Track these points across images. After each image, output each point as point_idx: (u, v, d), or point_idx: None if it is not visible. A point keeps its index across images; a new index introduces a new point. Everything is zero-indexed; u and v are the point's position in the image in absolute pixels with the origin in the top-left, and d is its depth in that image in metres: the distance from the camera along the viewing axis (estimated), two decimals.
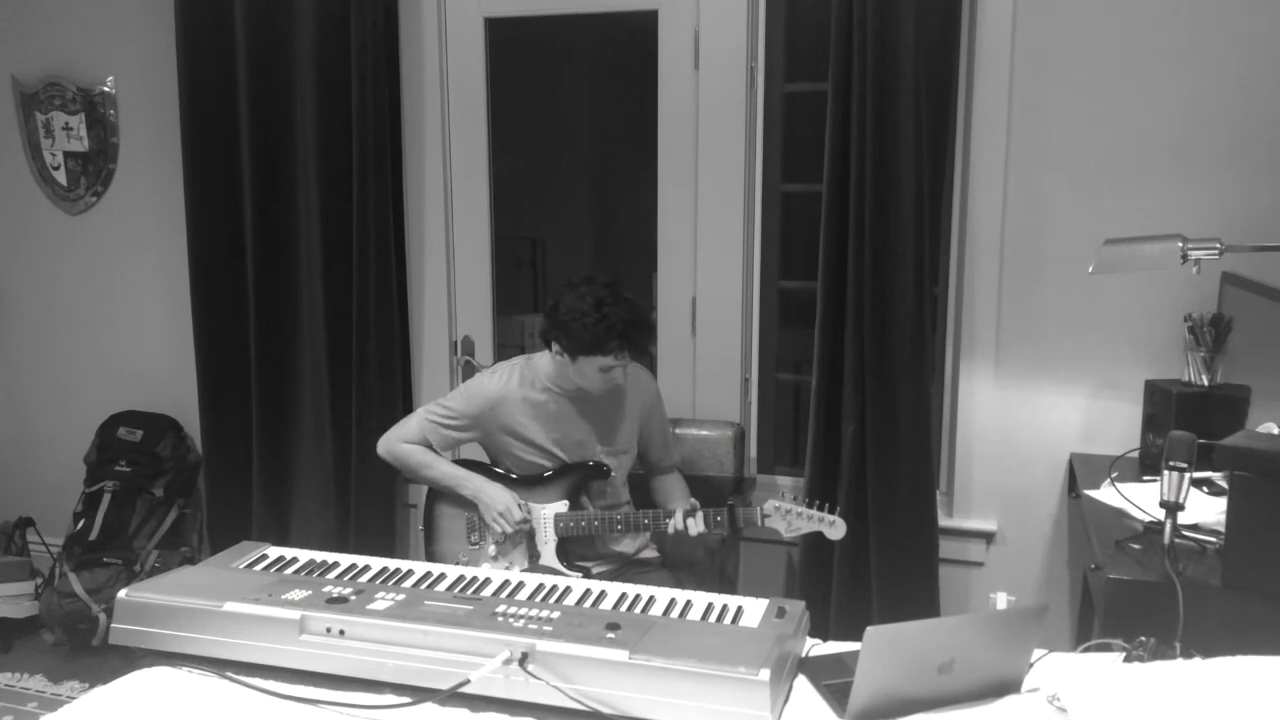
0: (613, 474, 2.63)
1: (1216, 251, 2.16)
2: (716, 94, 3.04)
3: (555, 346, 2.51)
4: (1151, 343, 2.74)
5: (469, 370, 3.36)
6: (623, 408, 2.65)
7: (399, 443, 2.65)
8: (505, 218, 3.42)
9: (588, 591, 1.78)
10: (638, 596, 1.76)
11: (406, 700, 1.52)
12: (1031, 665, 1.53)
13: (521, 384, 2.60)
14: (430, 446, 2.64)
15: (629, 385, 2.66)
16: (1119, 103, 2.70)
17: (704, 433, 2.99)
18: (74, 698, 3.15)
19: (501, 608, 1.63)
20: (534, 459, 2.60)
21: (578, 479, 2.60)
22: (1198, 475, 2.11)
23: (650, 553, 2.75)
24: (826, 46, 2.74)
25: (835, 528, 2.44)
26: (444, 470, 2.63)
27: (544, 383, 2.59)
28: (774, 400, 3.37)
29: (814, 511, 2.44)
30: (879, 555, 2.82)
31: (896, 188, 2.68)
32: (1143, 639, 1.55)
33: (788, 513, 2.44)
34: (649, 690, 1.45)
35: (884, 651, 1.40)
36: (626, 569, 2.65)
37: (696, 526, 2.47)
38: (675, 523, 2.48)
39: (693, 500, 2.58)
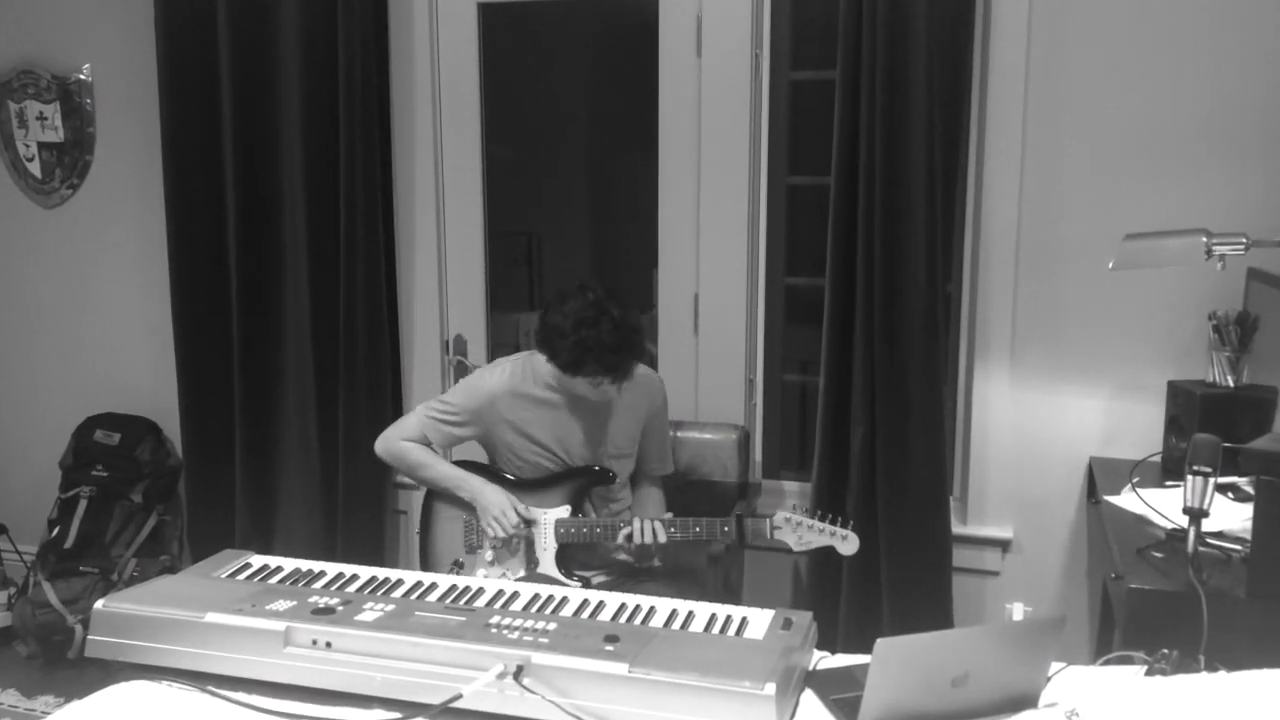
0: (617, 479, 2.63)
1: (1242, 246, 2.16)
2: (720, 82, 3.04)
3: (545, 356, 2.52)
4: (1174, 342, 2.74)
5: (461, 370, 3.36)
6: (628, 409, 2.65)
7: (398, 440, 2.65)
8: (499, 211, 3.43)
9: (585, 602, 1.78)
10: (638, 607, 1.76)
11: (396, 716, 1.52)
12: (1049, 679, 1.53)
13: (524, 380, 2.61)
14: (429, 445, 2.64)
15: (637, 388, 2.66)
16: (1140, 90, 2.70)
17: (707, 436, 2.99)
18: (49, 713, 3.15)
19: (496, 619, 1.63)
20: (536, 457, 2.60)
21: (581, 484, 2.60)
22: (1223, 480, 2.10)
23: (652, 561, 2.75)
24: (834, 32, 2.74)
25: (848, 542, 2.43)
26: (442, 471, 2.63)
27: (546, 379, 2.59)
28: (779, 402, 3.37)
29: (826, 525, 2.43)
30: (890, 564, 2.82)
31: (907, 180, 2.68)
32: (1165, 651, 1.55)
33: (798, 525, 2.43)
34: (649, 705, 1.44)
35: (895, 664, 1.40)
36: (627, 578, 2.65)
37: (661, 534, 2.46)
38: (634, 531, 2.47)
39: (668, 514, 2.58)
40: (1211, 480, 1.76)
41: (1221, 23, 2.61)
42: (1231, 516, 2.07)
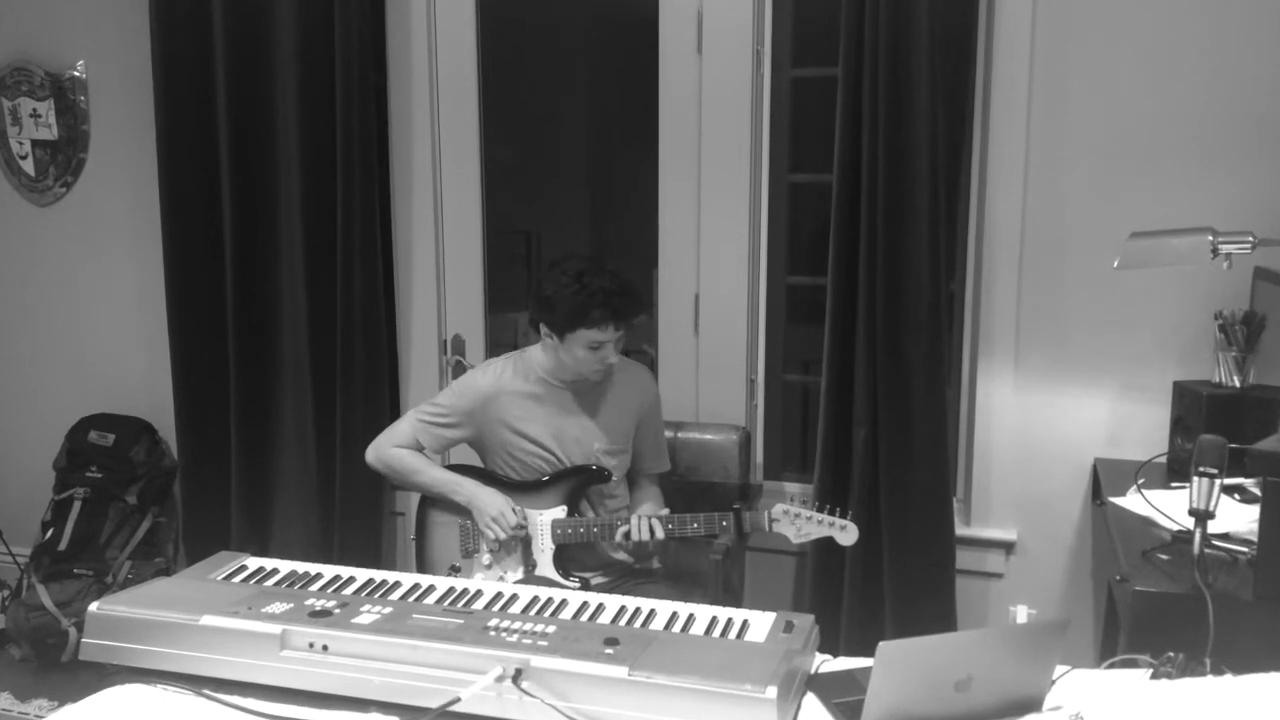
0: (613, 477, 2.63)
1: (1249, 245, 2.16)
2: (720, 79, 3.04)
3: (544, 329, 2.52)
4: (1180, 342, 2.74)
5: (459, 370, 3.36)
6: (621, 404, 2.66)
7: (389, 447, 2.65)
8: (498, 210, 3.43)
9: (585, 604, 1.78)
10: (638, 610, 1.77)
11: (393, 719, 1.52)
12: (1053, 682, 1.53)
13: (515, 377, 2.61)
14: (422, 450, 2.64)
15: (630, 384, 2.67)
16: (1145, 87, 2.70)
17: (708, 437, 2.98)
18: (42, 716, 3.15)
19: (494, 621, 1.63)
20: (531, 457, 2.60)
21: (576, 484, 2.60)
22: (1229, 482, 2.10)
23: (652, 562, 2.75)
24: (837, 29, 2.74)
25: (847, 532, 2.44)
26: (436, 476, 2.63)
27: (539, 374, 2.60)
28: (781, 402, 3.37)
29: (824, 515, 2.45)
30: (892, 566, 2.82)
31: (910, 178, 2.68)
32: (1171, 655, 1.55)
33: (796, 517, 2.45)
34: (649, 709, 1.44)
35: (897, 668, 1.40)
36: (627, 579, 2.65)
37: (659, 531, 2.48)
38: (631, 529, 2.48)
39: (664, 510, 2.59)
40: (1217, 481, 1.76)
41: (1227, 20, 2.61)
42: (1238, 518, 2.07)
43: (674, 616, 1.73)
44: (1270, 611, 1.78)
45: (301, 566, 1.95)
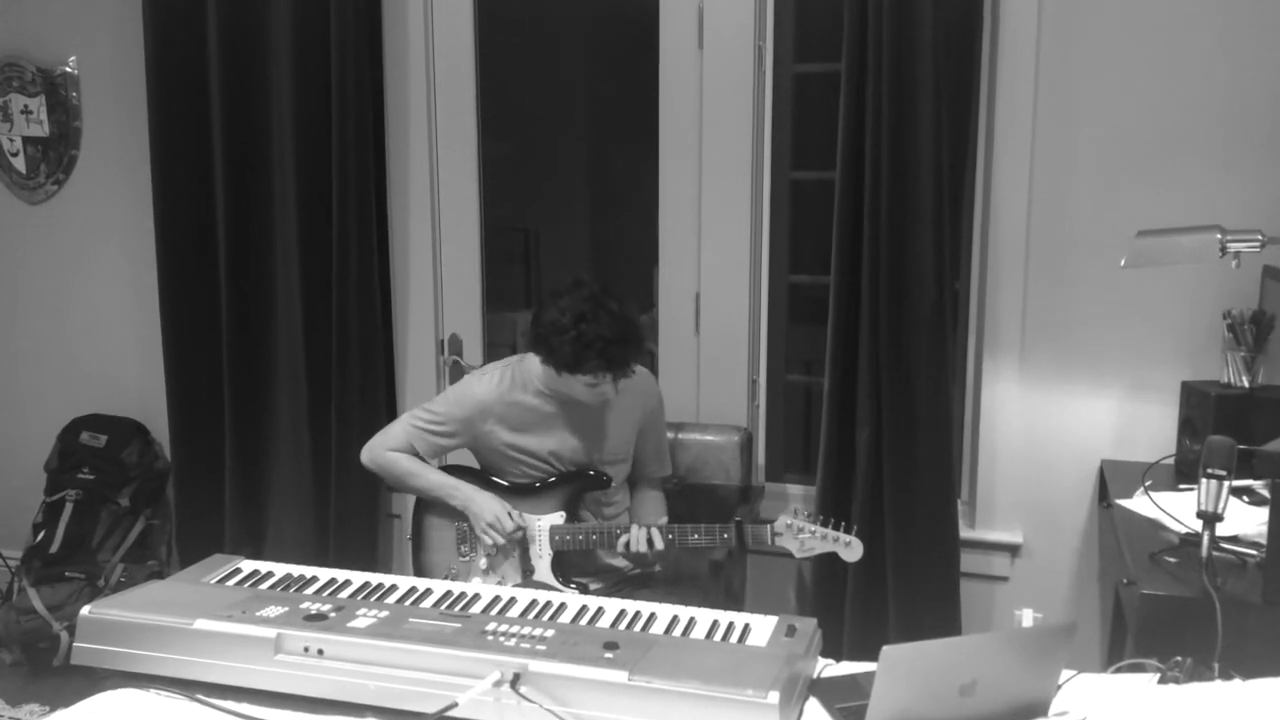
0: (612, 483, 2.63)
1: (1258, 244, 2.16)
2: (722, 75, 3.04)
3: (541, 358, 2.51)
4: (1188, 342, 2.74)
5: (457, 370, 3.36)
6: (622, 413, 2.65)
7: (383, 450, 2.64)
8: (495, 208, 3.42)
9: (584, 608, 1.78)
10: (638, 614, 1.77)
11: None
12: (1060, 687, 1.53)
13: (513, 387, 2.60)
14: (417, 454, 2.64)
15: (631, 390, 2.66)
16: (1153, 83, 2.70)
17: (709, 438, 2.98)
18: None
19: (492, 625, 1.63)
20: (529, 467, 2.60)
21: (575, 489, 2.60)
22: (1237, 483, 2.10)
23: (652, 568, 2.75)
24: (839, 24, 2.74)
25: (851, 549, 2.42)
26: (432, 479, 2.63)
27: (537, 385, 2.59)
28: (783, 403, 3.37)
29: (829, 530, 2.41)
30: (896, 569, 2.82)
31: (914, 175, 2.68)
32: (1178, 659, 1.55)
33: (800, 531, 2.42)
34: (649, 714, 1.45)
35: (901, 672, 1.40)
36: (625, 585, 2.65)
37: (658, 541, 2.46)
38: (631, 540, 2.47)
39: (663, 519, 2.58)
40: (1226, 483, 1.76)
41: (1234, 16, 2.61)
42: (1246, 520, 2.07)
43: (674, 620, 1.73)
44: (1279, 615, 1.78)
45: (297, 569, 1.95)
